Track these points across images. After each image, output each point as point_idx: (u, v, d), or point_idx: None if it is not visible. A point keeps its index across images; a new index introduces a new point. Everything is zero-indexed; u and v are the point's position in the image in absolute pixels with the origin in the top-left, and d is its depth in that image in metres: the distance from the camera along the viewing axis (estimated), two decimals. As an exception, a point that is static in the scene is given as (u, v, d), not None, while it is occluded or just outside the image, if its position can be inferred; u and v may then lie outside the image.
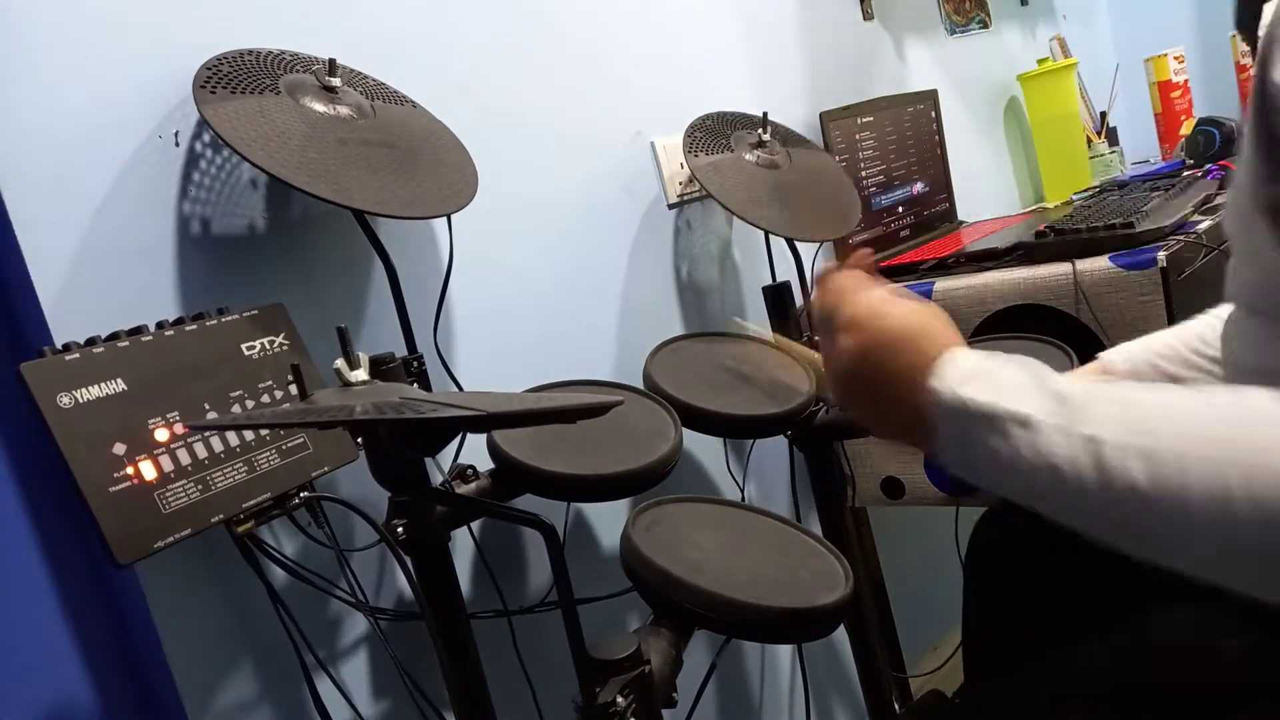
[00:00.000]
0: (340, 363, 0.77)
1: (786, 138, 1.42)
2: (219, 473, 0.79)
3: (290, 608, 0.88)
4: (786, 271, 1.38)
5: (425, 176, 0.94)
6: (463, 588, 1.01)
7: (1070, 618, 0.85)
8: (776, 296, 1.35)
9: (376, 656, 1.00)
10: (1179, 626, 0.68)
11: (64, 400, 0.72)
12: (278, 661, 0.91)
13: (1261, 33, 0.52)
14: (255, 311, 0.87)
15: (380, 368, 0.87)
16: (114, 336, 0.78)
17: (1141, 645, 0.70)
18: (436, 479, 0.97)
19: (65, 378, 0.73)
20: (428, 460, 0.95)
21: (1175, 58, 2.19)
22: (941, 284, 1.38)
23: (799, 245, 1.37)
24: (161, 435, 0.76)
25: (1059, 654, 0.78)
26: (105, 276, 0.84)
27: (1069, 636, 0.78)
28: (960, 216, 1.91)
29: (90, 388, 0.74)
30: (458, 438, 0.98)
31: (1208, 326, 0.83)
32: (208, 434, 0.79)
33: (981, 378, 0.56)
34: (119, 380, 0.75)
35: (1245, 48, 2.17)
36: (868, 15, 1.86)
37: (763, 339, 1.21)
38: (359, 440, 0.84)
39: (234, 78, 0.88)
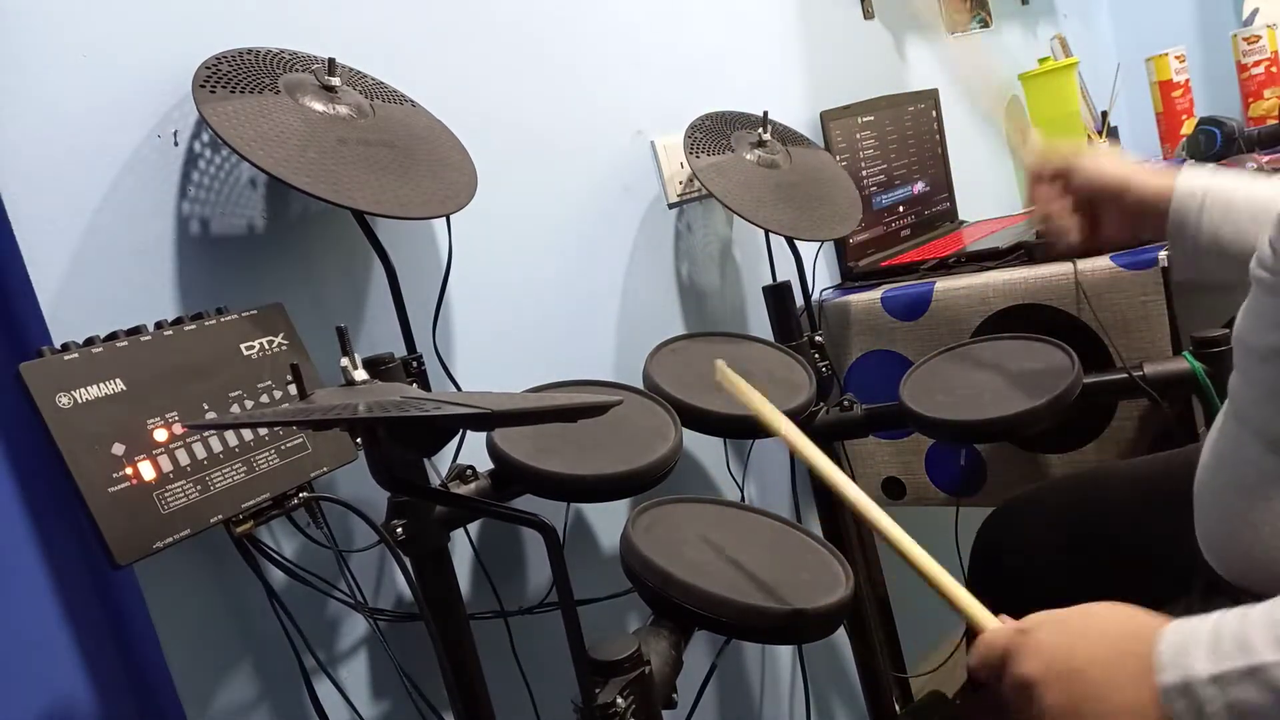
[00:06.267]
0: (346, 361, 0.77)
1: (786, 137, 1.42)
2: (218, 473, 0.78)
3: (289, 608, 0.88)
4: (787, 271, 1.38)
5: (425, 176, 0.94)
6: (462, 588, 1.01)
7: None
8: (777, 296, 1.35)
9: (376, 657, 1.00)
10: None
11: (63, 400, 0.72)
12: (277, 662, 0.91)
13: None
14: (254, 311, 0.86)
15: (379, 368, 0.87)
16: (113, 336, 0.78)
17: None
18: (436, 480, 0.97)
19: (64, 378, 0.72)
20: (427, 461, 0.95)
21: (1176, 57, 2.18)
22: (942, 284, 1.37)
23: (799, 245, 1.36)
24: (160, 435, 0.76)
25: None
26: (104, 276, 0.84)
27: None
28: (961, 216, 1.91)
29: (89, 388, 0.73)
30: (457, 438, 0.98)
31: None
32: (207, 434, 0.78)
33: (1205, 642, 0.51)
34: (118, 380, 0.75)
35: (1246, 46, 2.16)
36: (868, 14, 1.86)
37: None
38: (358, 440, 0.84)
39: (233, 77, 0.87)
